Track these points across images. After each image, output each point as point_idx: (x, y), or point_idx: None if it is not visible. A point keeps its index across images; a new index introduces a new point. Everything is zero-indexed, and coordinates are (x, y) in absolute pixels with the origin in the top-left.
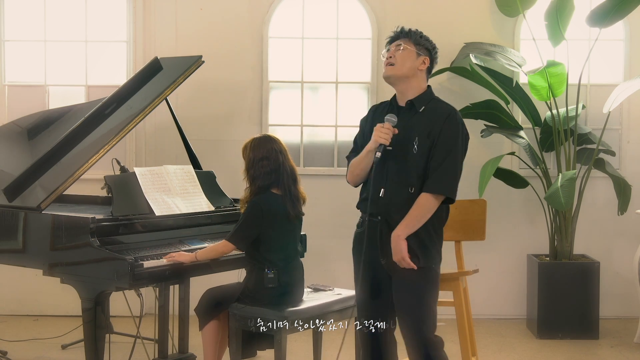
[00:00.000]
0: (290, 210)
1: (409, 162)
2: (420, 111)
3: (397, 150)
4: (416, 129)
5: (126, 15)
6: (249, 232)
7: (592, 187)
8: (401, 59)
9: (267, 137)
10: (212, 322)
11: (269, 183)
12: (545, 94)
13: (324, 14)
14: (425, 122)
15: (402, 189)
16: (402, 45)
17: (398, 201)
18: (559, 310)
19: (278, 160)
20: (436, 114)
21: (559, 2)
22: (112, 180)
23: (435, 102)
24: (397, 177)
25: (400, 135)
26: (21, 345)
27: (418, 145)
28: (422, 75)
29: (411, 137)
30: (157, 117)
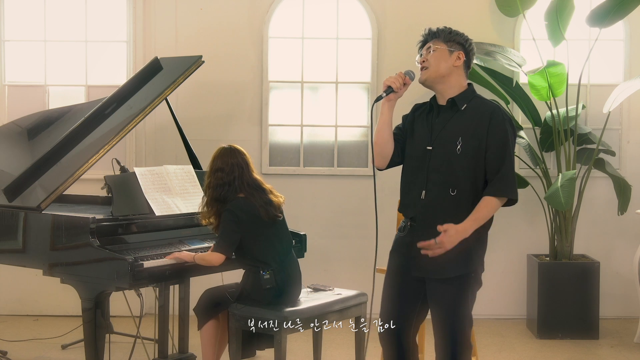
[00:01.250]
0: (263, 213)
1: (452, 162)
2: (462, 109)
3: (439, 150)
4: (459, 128)
5: (126, 15)
6: (232, 239)
7: (592, 187)
8: (434, 60)
9: (229, 149)
10: (211, 322)
11: (219, 195)
12: (545, 94)
13: (324, 14)
14: (468, 121)
15: (443, 190)
16: (432, 46)
17: (440, 203)
18: (559, 310)
19: (233, 173)
20: (479, 113)
21: (559, 2)
22: (112, 180)
23: (477, 100)
24: (438, 177)
25: (442, 134)
26: (21, 345)
27: (462, 145)
28: (460, 72)
29: (454, 136)
30: (157, 117)
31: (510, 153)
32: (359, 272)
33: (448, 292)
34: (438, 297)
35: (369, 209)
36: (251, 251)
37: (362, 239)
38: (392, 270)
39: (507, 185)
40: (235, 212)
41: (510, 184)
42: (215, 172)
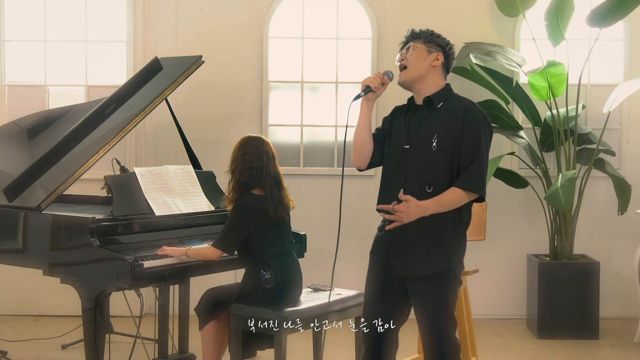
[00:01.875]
0: (272, 212)
1: (428, 160)
2: (438, 107)
3: (415, 149)
4: (435, 126)
5: (126, 15)
6: (235, 237)
7: (592, 187)
8: (412, 58)
9: (257, 137)
10: (212, 322)
11: (248, 179)
12: (545, 94)
13: (324, 14)
14: (443, 118)
15: (420, 188)
16: (412, 45)
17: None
18: (559, 310)
19: (262, 159)
20: (455, 110)
21: (559, 2)
22: (112, 180)
23: (453, 98)
24: (415, 175)
25: (419, 133)
26: (21, 345)
27: (437, 142)
28: (437, 72)
29: (430, 134)
30: (157, 117)
31: (483, 149)
32: (359, 272)
33: (428, 290)
34: (419, 295)
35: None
36: (254, 250)
37: (362, 239)
38: (373, 270)
39: (475, 181)
40: (245, 210)
41: (479, 180)
42: (243, 155)
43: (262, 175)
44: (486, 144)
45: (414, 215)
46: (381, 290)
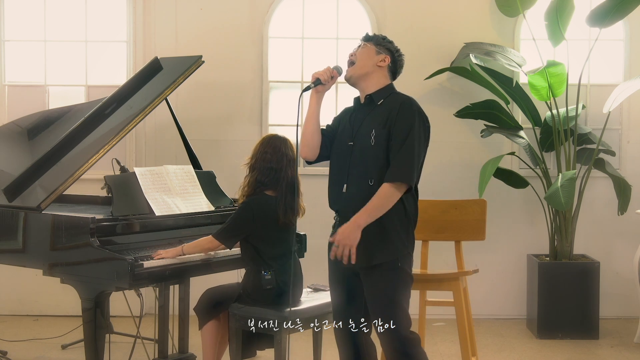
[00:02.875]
0: (281, 216)
1: (367, 154)
2: (379, 104)
3: (357, 145)
4: (373, 121)
5: (126, 15)
6: (237, 232)
7: (592, 187)
8: (360, 55)
9: (280, 138)
10: (211, 322)
11: (265, 179)
12: (545, 94)
13: (324, 14)
14: (381, 113)
15: (362, 182)
16: (363, 44)
17: (359, 195)
18: (559, 310)
19: (282, 162)
20: (392, 105)
21: (559, 2)
22: (112, 180)
23: (394, 96)
24: (357, 170)
25: (360, 129)
26: (21, 345)
27: (375, 136)
28: (382, 72)
29: (369, 129)
30: (157, 117)
31: (412, 140)
32: None
33: (377, 280)
34: (367, 285)
35: None
36: (256, 250)
37: None
38: (331, 268)
39: (400, 171)
40: (252, 207)
41: (405, 169)
42: (263, 154)
43: (279, 179)
44: (419, 137)
45: (352, 235)
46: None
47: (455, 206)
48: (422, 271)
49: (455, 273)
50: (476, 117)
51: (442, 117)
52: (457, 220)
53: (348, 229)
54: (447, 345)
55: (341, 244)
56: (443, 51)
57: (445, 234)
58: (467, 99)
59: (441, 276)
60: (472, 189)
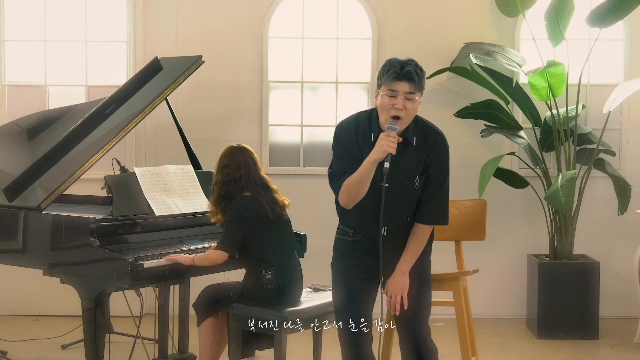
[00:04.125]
0: (269, 212)
1: (409, 197)
2: (414, 145)
3: (396, 187)
4: (414, 165)
5: (126, 15)
6: (237, 237)
7: (592, 187)
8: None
9: (236, 148)
10: (209, 319)
11: (226, 192)
12: (545, 94)
13: (324, 14)
14: (420, 156)
15: (402, 219)
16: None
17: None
18: (559, 310)
19: (239, 170)
20: (428, 145)
21: (559, 2)
22: (112, 180)
23: (422, 129)
24: (396, 211)
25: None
26: (21, 345)
27: (419, 181)
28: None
29: (411, 174)
30: (157, 117)
31: (448, 183)
32: None
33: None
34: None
35: None
36: (254, 250)
37: None
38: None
39: (441, 214)
40: (240, 211)
41: (444, 212)
42: (222, 169)
43: (242, 184)
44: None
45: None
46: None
47: (455, 206)
48: None
49: (455, 273)
50: (476, 117)
51: (442, 117)
52: (457, 220)
53: (397, 279)
54: (447, 345)
55: (394, 294)
56: (443, 51)
57: (445, 234)
58: (467, 99)
59: (441, 276)
60: (472, 189)
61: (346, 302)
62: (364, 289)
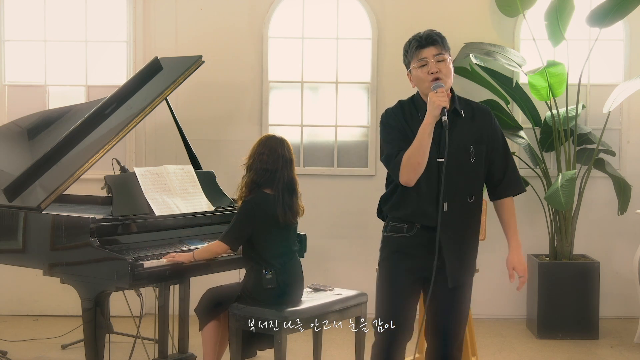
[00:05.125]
0: (280, 216)
1: (467, 171)
2: (464, 117)
3: (452, 162)
4: (468, 136)
5: (126, 15)
6: (241, 233)
7: (592, 187)
8: (447, 72)
9: (279, 139)
10: (212, 323)
11: (261, 180)
12: (545, 94)
13: (324, 14)
14: (473, 127)
15: (463, 199)
16: (442, 55)
17: (461, 212)
18: (559, 310)
19: (277, 163)
20: (480, 117)
21: (559, 2)
22: (112, 180)
23: (466, 103)
24: (456, 188)
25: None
26: (21, 345)
27: (475, 153)
28: None
29: (466, 145)
30: (157, 117)
31: (510, 152)
32: (359, 272)
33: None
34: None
35: (369, 209)
36: (257, 249)
37: (362, 239)
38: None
39: (519, 182)
40: (253, 206)
41: (520, 179)
42: (260, 155)
43: (275, 179)
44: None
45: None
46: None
47: None
48: None
49: None
50: None
51: None
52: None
53: (521, 257)
54: None
55: (525, 272)
56: None
57: None
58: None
59: None
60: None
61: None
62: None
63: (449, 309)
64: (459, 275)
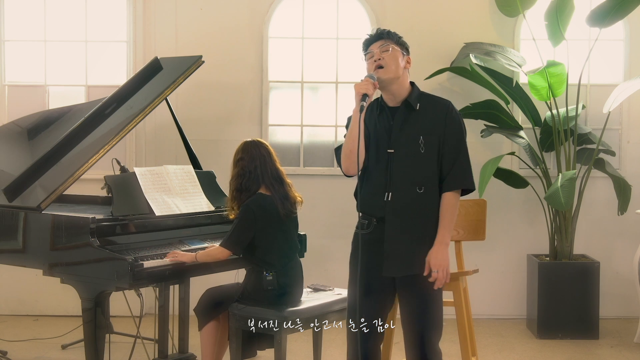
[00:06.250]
0: (280, 209)
1: (416, 162)
2: (417, 109)
3: (401, 152)
4: (419, 127)
5: (126, 15)
6: (243, 237)
7: (592, 187)
8: (391, 59)
9: (250, 142)
10: (211, 323)
11: (241, 185)
12: (545, 94)
13: (324, 14)
14: (425, 119)
15: (409, 189)
16: (386, 46)
17: (405, 203)
18: (559, 310)
19: (254, 162)
20: (435, 110)
21: (559, 2)
22: (112, 180)
23: (426, 98)
24: (402, 178)
25: (402, 136)
26: (21, 345)
27: (424, 144)
28: (406, 74)
29: (415, 137)
30: (157, 117)
31: (465, 146)
32: None
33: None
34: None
35: None
36: (259, 250)
37: None
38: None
39: (465, 177)
40: (253, 209)
41: (468, 175)
42: (237, 163)
43: (258, 176)
44: (465, 141)
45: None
46: (371, 289)
47: None
48: None
49: (455, 273)
50: (476, 117)
51: None
52: (457, 220)
53: (439, 252)
54: (447, 345)
55: (440, 268)
56: (443, 51)
57: None
58: (467, 99)
59: None
60: None
61: (355, 300)
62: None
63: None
64: (402, 267)
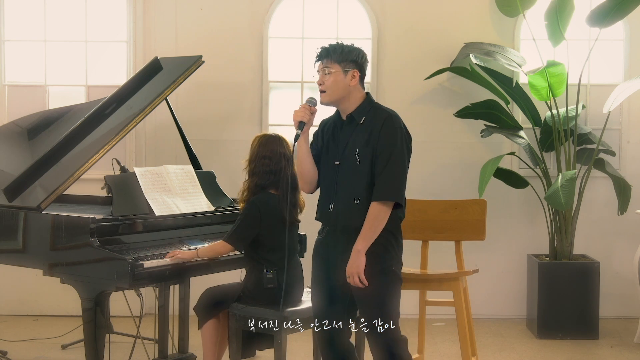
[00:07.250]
0: (285, 215)
1: (354, 174)
2: (361, 123)
3: (344, 164)
4: (357, 140)
5: (126, 15)
6: (247, 233)
7: (592, 187)
8: (330, 84)
9: (276, 138)
10: (211, 321)
11: (265, 183)
12: (545, 94)
13: (324, 14)
14: (364, 132)
15: (349, 200)
16: (327, 69)
17: (344, 213)
18: (559, 310)
19: (280, 163)
20: (373, 122)
21: (559, 2)
22: (112, 180)
23: (374, 110)
24: (344, 189)
25: (346, 149)
26: (21, 345)
27: (359, 155)
28: (357, 88)
29: (353, 149)
30: (157, 117)
31: (397, 157)
32: None
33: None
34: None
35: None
36: (261, 248)
37: None
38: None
39: (388, 189)
40: (259, 207)
41: (392, 188)
42: (261, 159)
43: (280, 179)
44: (401, 153)
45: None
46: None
47: (455, 206)
48: (422, 271)
49: (455, 273)
50: (476, 117)
51: (442, 117)
52: (457, 220)
53: (352, 259)
54: (447, 345)
55: (352, 274)
56: (443, 51)
57: (445, 234)
58: (467, 99)
59: (441, 276)
60: (472, 189)
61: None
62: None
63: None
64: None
